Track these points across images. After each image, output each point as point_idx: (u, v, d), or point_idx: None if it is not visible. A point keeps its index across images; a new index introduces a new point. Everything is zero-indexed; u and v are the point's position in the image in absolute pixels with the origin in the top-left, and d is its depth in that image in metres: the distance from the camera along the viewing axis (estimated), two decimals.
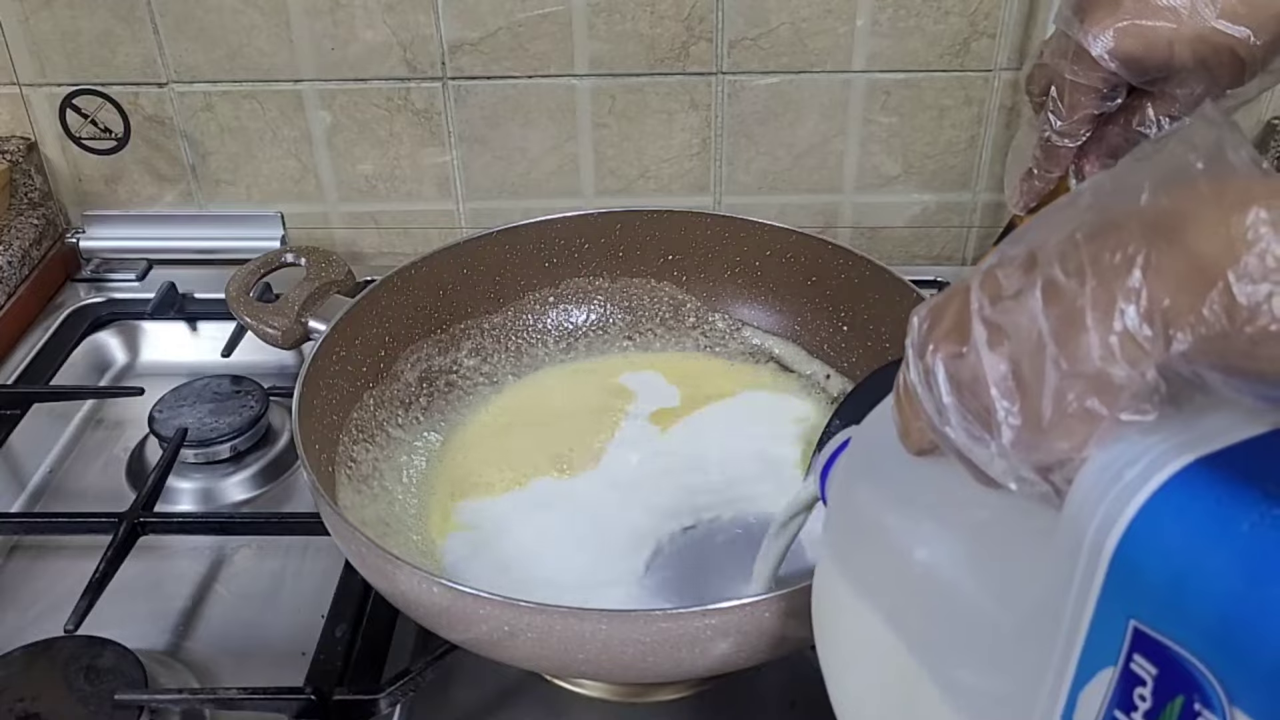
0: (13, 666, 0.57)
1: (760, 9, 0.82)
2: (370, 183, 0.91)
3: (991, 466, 0.28)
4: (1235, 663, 0.23)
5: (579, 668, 0.51)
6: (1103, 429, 0.26)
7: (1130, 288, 0.25)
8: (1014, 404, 0.27)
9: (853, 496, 0.38)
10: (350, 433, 0.65)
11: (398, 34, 0.84)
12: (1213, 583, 0.24)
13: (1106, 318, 0.25)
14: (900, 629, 0.35)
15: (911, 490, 0.34)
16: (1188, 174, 0.26)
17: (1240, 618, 0.23)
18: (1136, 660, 0.25)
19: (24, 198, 0.91)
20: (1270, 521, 0.24)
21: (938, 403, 0.29)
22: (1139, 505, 0.25)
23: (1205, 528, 0.24)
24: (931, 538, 0.33)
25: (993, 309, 0.28)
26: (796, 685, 0.59)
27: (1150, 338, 0.25)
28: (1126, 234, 0.25)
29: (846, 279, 0.71)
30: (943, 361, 0.28)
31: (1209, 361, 0.24)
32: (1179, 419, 0.26)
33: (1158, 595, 0.25)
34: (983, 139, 0.88)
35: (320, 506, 0.53)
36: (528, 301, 0.76)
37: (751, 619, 0.46)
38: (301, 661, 0.58)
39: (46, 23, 0.85)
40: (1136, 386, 0.25)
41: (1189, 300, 0.24)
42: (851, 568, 0.38)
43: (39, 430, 0.77)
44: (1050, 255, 0.27)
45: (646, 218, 0.75)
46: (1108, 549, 0.25)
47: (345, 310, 0.66)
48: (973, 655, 0.31)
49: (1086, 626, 0.26)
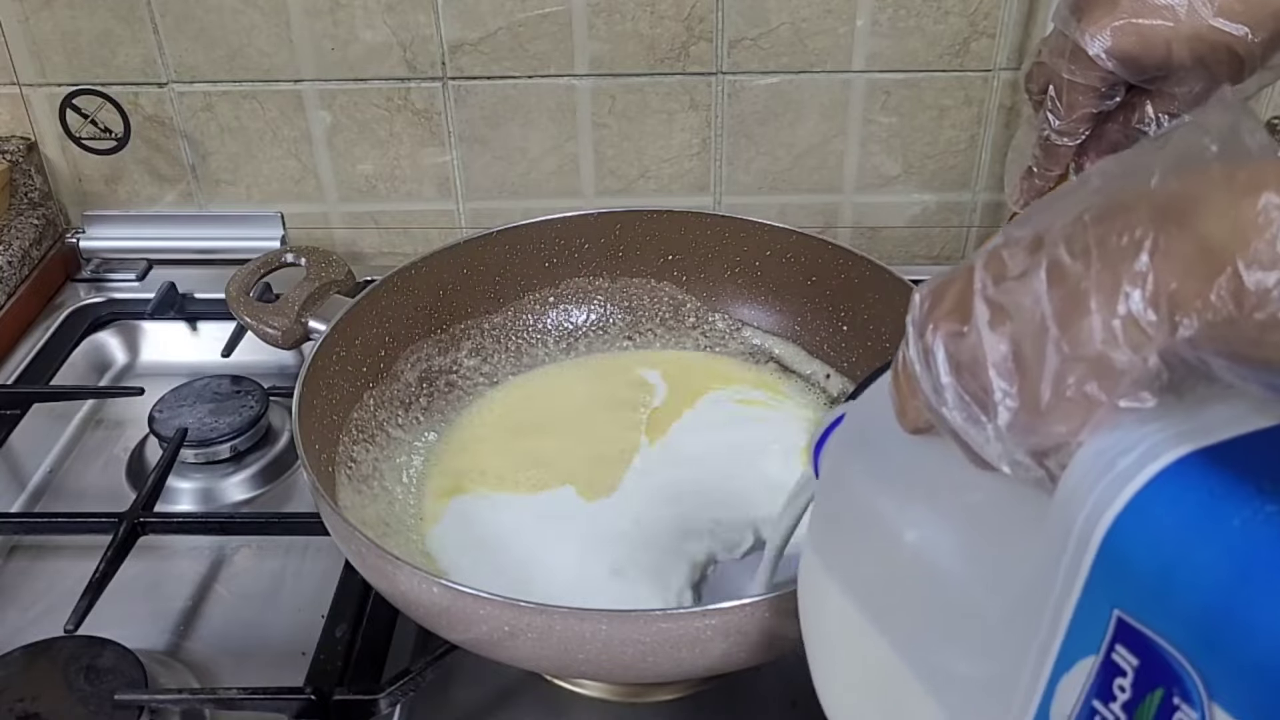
0: (13, 666, 0.57)
1: (760, 9, 0.82)
2: (370, 183, 0.92)
3: (987, 449, 0.28)
4: (1217, 658, 0.23)
5: (579, 668, 0.51)
6: (1100, 414, 0.26)
7: (1136, 271, 0.24)
8: (1012, 385, 0.27)
9: (844, 473, 0.37)
10: (350, 433, 0.65)
11: (398, 34, 0.84)
12: (1199, 576, 0.24)
13: (1111, 301, 0.25)
14: (882, 617, 0.34)
15: (904, 470, 0.34)
16: (1201, 158, 0.25)
17: (1225, 613, 0.23)
18: (1118, 650, 0.25)
19: (24, 198, 0.91)
20: (1263, 518, 0.23)
21: (935, 382, 0.28)
22: (1130, 495, 0.25)
23: (1196, 521, 0.24)
24: (922, 520, 0.33)
25: (995, 289, 0.27)
26: (796, 685, 0.59)
27: (1154, 322, 0.24)
28: (1135, 217, 0.25)
29: (846, 279, 0.71)
30: (943, 340, 0.28)
31: (1215, 348, 0.24)
32: (1180, 408, 0.26)
33: (1143, 586, 0.25)
34: (983, 139, 0.88)
35: (320, 506, 0.53)
36: (528, 301, 0.76)
37: (751, 619, 0.46)
38: (301, 661, 0.58)
39: (46, 23, 0.85)
40: (1137, 372, 0.25)
41: (1196, 285, 0.23)
42: (836, 554, 0.37)
43: (39, 430, 0.77)
44: (1056, 236, 0.26)
45: (646, 218, 0.75)
46: (1096, 537, 0.25)
47: (345, 310, 0.66)
48: (957, 641, 0.31)
49: (1070, 614, 0.26)
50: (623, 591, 0.58)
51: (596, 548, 0.61)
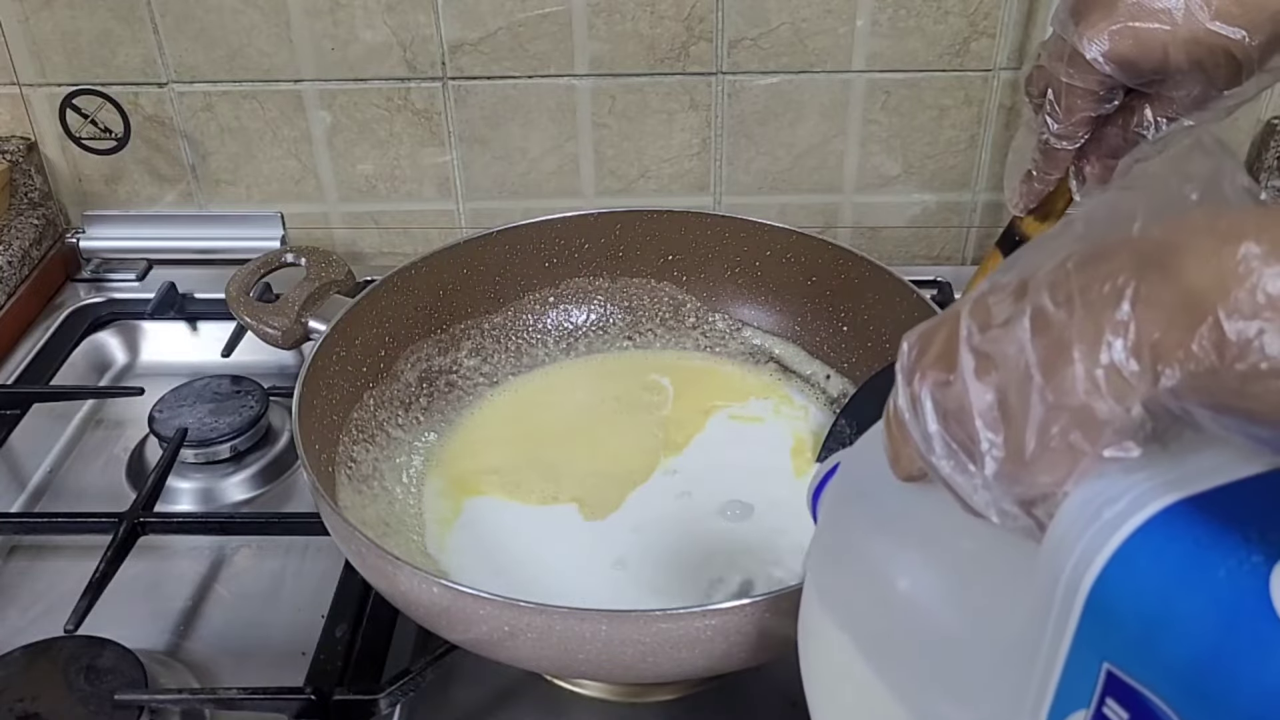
0: (13, 666, 0.57)
1: (760, 9, 0.82)
2: (370, 183, 0.92)
3: (975, 497, 0.27)
4: (1204, 711, 0.23)
5: (579, 668, 0.51)
6: (1084, 465, 0.25)
7: (1119, 320, 0.24)
8: (998, 435, 0.26)
9: (840, 521, 0.37)
10: (350, 433, 0.65)
11: (398, 34, 0.84)
12: (1185, 628, 0.23)
13: (1093, 350, 0.25)
14: (877, 660, 0.34)
15: (899, 517, 0.34)
16: (1182, 205, 0.25)
17: (1210, 665, 0.23)
18: (1109, 704, 0.25)
19: (24, 198, 0.91)
20: (1248, 568, 0.23)
21: (924, 430, 0.28)
22: (1117, 544, 0.25)
23: (1181, 571, 0.24)
24: (916, 566, 0.33)
25: (981, 337, 0.27)
26: (796, 685, 0.58)
27: (1137, 372, 0.24)
28: (1117, 264, 0.25)
29: (846, 279, 0.71)
30: (930, 389, 0.28)
31: (1198, 399, 0.24)
32: (1165, 457, 0.25)
33: (1131, 638, 0.24)
34: (983, 139, 0.88)
35: (320, 507, 0.53)
36: (528, 301, 0.76)
37: (751, 619, 0.46)
38: (301, 661, 0.58)
39: (46, 23, 0.85)
40: (1121, 422, 0.25)
41: (1178, 335, 0.23)
42: (833, 595, 0.37)
43: (39, 430, 0.77)
44: (1040, 283, 0.26)
45: (646, 218, 0.75)
46: (1083, 588, 0.25)
47: (345, 310, 0.66)
48: (951, 689, 0.31)
49: (1061, 666, 0.26)
50: (626, 590, 0.58)
51: (599, 549, 0.61)
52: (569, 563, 0.60)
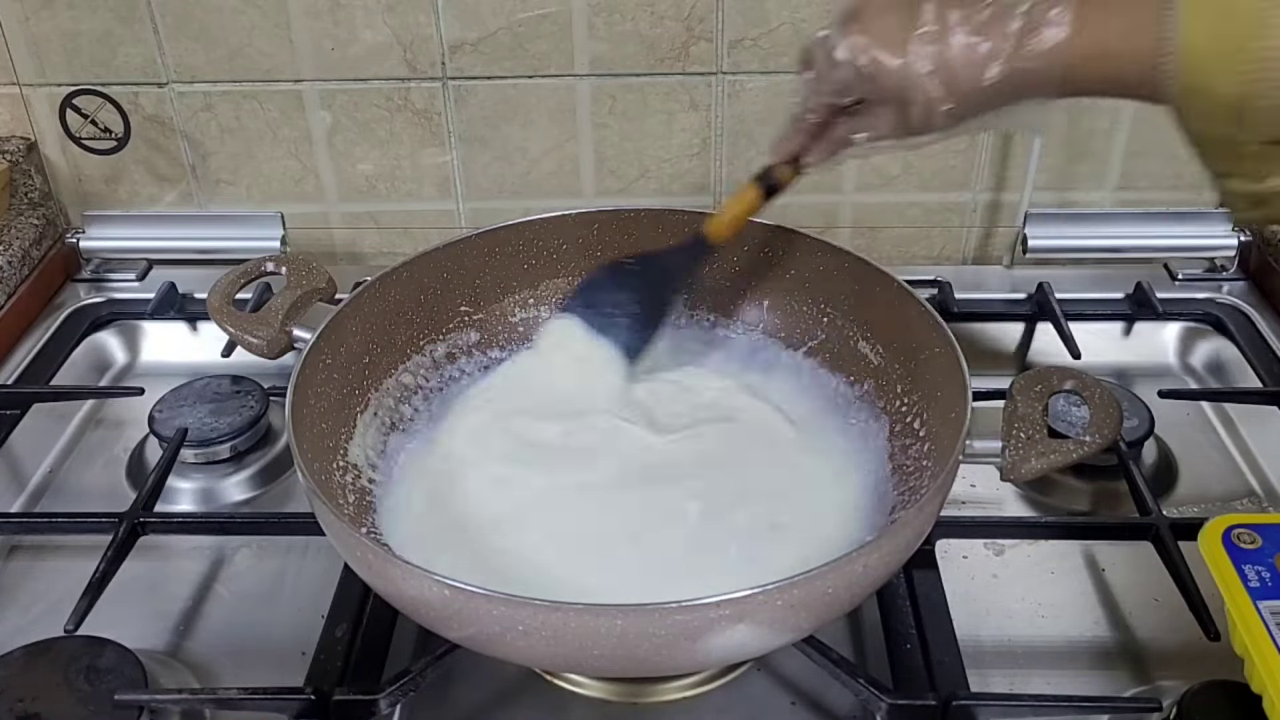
0: (13, 666, 0.57)
1: (760, 9, 0.82)
2: (370, 183, 0.92)
3: None
4: None
5: (592, 664, 0.51)
6: None
7: None
8: None
9: None
10: (345, 434, 0.65)
11: (398, 34, 0.84)
12: None
13: None
14: None
15: None
16: None
17: None
18: None
19: (24, 198, 0.91)
20: None
21: None
22: None
23: None
24: None
25: None
26: (797, 685, 0.59)
27: None
28: None
29: (846, 279, 0.71)
30: None
31: None
32: None
33: None
34: (982, 139, 0.88)
35: (317, 509, 0.53)
36: (522, 299, 0.76)
37: (765, 606, 0.46)
38: (301, 661, 0.58)
39: (46, 23, 0.85)
40: None
41: None
42: None
43: (39, 430, 0.77)
44: None
45: (646, 218, 0.75)
46: None
47: (330, 317, 0.65)
48: None
49: None
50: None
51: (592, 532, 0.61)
52: (564, 556, 0.60)
